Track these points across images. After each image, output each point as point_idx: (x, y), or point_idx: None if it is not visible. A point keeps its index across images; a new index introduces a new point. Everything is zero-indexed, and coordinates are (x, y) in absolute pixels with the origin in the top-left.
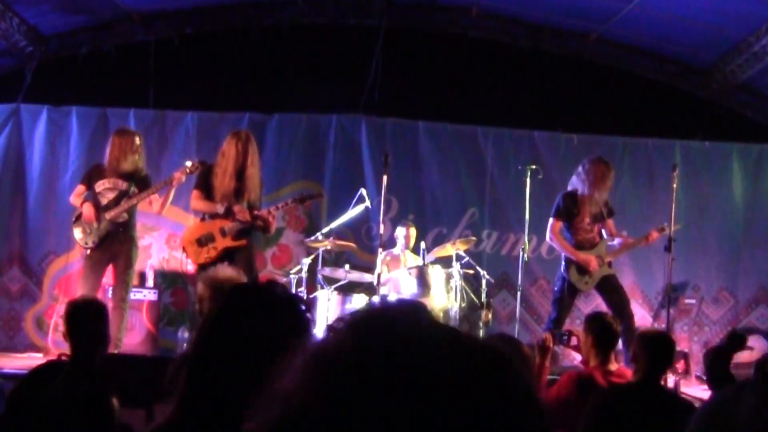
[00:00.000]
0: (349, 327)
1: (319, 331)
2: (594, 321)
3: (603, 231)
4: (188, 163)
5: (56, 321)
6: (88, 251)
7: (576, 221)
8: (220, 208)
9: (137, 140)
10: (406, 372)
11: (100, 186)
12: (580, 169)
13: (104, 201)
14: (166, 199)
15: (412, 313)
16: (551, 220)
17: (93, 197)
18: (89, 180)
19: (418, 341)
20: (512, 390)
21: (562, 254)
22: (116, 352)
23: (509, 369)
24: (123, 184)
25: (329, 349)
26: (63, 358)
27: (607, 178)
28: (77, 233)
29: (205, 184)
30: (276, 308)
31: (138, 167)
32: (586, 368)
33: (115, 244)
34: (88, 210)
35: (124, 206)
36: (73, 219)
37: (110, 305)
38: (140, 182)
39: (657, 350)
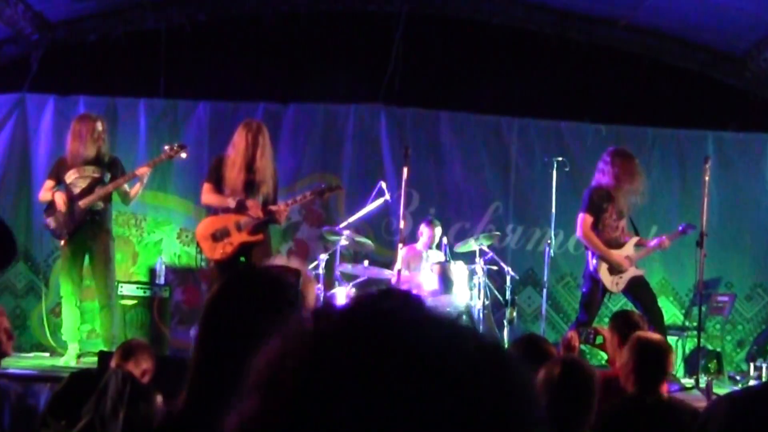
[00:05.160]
0: (337, 315)
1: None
2: (620, 320)
3: (625, 228)
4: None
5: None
6: (63, 242)
7: (604, 217)
8: (231, 203)
9: (99, 125)
10: (396, 365)
11: (70, 177)
12: (602, 162)
13: (77, 190)
14: (138, 190)
15: (405, 302)
16: (582, 215)
17: (65, 188)
18: (57, 173)
19: (410, 333)
20: (508, 387)
21: (590, 252)
22: None
23: (506, 365)
24: (92, 171)
25: (315, 337)
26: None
27: (634, 168)
28: (51, 223)
29: (216, 177)
30: (264, 292)
31: (101, 152)
32: (612, 369)
33: (89, 237)
34: (59, 198)
35: (99, 192)
36: (45, 210)
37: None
38: (110, 167)
39: (650, 359)
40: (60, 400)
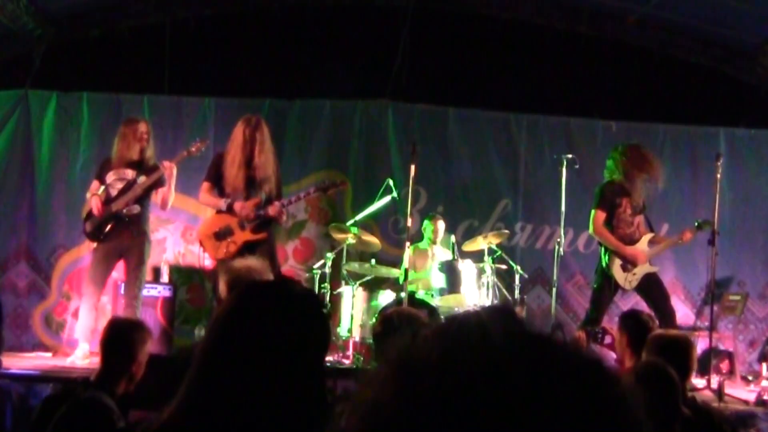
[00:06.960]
0: (436, 334)
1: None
2: (629, 319)
3: (642, 224)
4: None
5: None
6: (96, 244)
7: (618, 212)
8: (222, 204)
9: (142, 127)
10: (496, 382)
11: (109, 178)
12: (617, 155)
13: (113, 192)
14: (168, 192)
15: (503, 319)
16: (594, 211)
17: (104, 190)
18: (101, 174)
19: (510, 350)
20: (607, 403)
21: (602, 249)
22: None
23: (605, 380)
24: (130, 174)
25: (415, 356)
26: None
27: (647, 157)
28: (88, 227)
29: (215, 175)
30: (292, 307)
31: (146, 156)
32: (620, 369)
33: (125, 238)
34: (95, 203)
35: (129, 196)
36: (85, 215)
37: (122, 303)
38: (149, 171)
39: (674, 356)
40: (37, 429)
